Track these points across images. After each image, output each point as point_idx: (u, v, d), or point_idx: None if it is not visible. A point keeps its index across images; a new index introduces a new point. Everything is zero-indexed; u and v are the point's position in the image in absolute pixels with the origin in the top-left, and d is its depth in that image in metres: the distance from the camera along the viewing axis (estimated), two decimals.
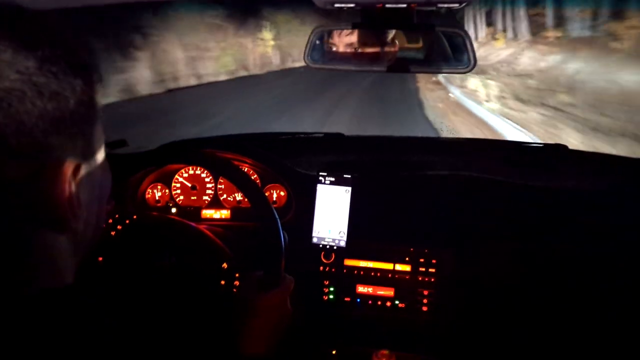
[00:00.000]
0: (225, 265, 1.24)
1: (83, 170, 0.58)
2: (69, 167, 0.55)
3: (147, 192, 1.67)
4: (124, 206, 1.58)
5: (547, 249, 1.47)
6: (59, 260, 0.59)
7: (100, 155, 0.64)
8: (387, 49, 1.26)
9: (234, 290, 1.22)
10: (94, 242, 0.66)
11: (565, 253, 1.46)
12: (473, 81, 13.20)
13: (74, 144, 0.55)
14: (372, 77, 14.35)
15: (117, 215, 1.28)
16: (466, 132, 9.05)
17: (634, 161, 1.59)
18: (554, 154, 1.64)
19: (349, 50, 1.29)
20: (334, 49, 1.28)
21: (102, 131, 0.62)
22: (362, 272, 1.55)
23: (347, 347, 1.53)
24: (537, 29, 15.23)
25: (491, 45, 17.97)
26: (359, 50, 1.28)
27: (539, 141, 1.72)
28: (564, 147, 1.63)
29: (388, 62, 1.27)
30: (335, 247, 1.57)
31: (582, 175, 1.53)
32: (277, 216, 1.27)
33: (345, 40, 1.29)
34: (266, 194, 1.54)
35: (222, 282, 1.22)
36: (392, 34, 1.25)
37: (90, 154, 0.60)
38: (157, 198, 1.68)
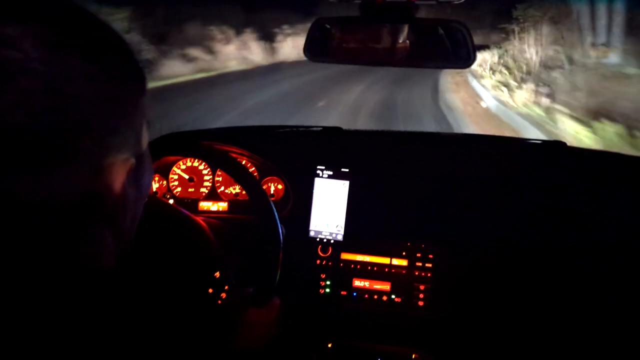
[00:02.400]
0: (217, 274, 1.19)
1: (134, 167, 0.60)
2: (123, 165, 0.57)
3: None
4: None
5: (544, 245, 1.47)
6: (102, 256, 0.59)
7: (147, 151, 0.66)
8: (387, 43, 1.26)
9: (219, 302, 1.18)
10: (132, 237, 0.67)
11: (562, 249, 1.46)
12: None
13: (128, 142, 0.57)
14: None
15: None
16: None
17: (632, 158, 1.59)
18: (552, 151, 1.64)
19: (348, 43, 1.28)
20: (334, 42, 1.28)
21: (147, 127, 0.64)
22: (358, 266, 1.55)
23: (343, 340, 1.53)
24: None
25: None
26: (358, 44, 1.28)
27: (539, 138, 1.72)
28: (563, 143, 1.63)
29: (387, 56, 1.27)
30: (332, 241, 1.57)
31: (580, 172, 1.53)
32: (274, 209, 1.27)
33: (345, 33, 1.29)
34: (264, 187, 1.54)
35: (210, 291, 1.17)
36: (391, 28, 1.25)
37: (139, 150, 0.61)
38: (154, 189, 1.68)
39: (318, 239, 1.58)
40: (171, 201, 1.67)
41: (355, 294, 1.55)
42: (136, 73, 0.58)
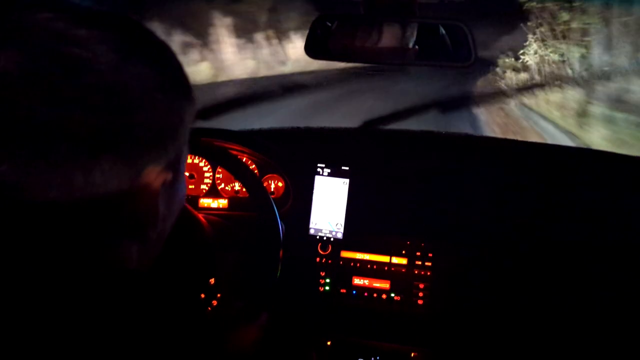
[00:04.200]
0: (212, 281, 1.19)
1: (169, 180, 0.61)
2: (160, 175, 0.58)
3: None
4: None
5: (543, 244, 1.47)
6: (125, 264, 0.60)
7: (183, 166, 0.66)
8: (388, 41, 1.26)
9: (208, 308, 1.18)
10: (157, 253, 0.67)
11: (562, 249, 1.46)
12: None
13: (168, 154, 0.58)
14: None
15: None
16: None
17: (632, 159, 1.60)
18: (552, 152, 1.64)
19: (349, 41, 1.28)
20: (335, 39, 1.28)
21: (188, 146, 0.65)
22: (358, 264, 1.55)
23: (342, 338, 1.53)
24: None
25: None
26: (360, 42, 1.28)
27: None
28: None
29: (388, 54, 1.27)
30: (332, 239, 1.57)
31: (580, 172, 1.53)
32: (275, 207, 1.27)
33: (346, 31, 1.29)
34: (264, 184, 1.54)
35: (202, 296, 1.17)
36: (392, 25, 1.25)
37: (177, 166, 0.62)
38: None
39: (318, 237, 1.58)
40: None
41: (354, 292, 1.55)
42: (187, 89, 0.60)
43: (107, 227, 0.55)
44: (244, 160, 1.63)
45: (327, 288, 1.56)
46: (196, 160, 1.69)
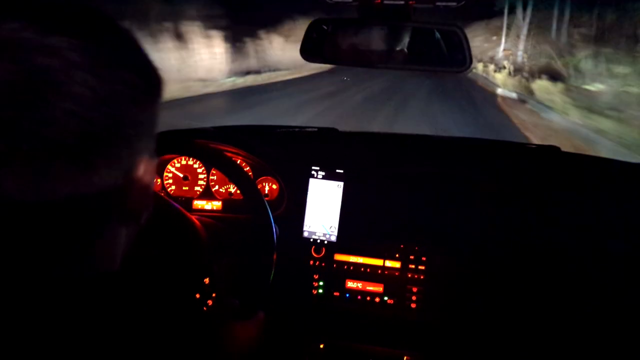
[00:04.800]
0: (207, 280, 1.18)
1: (152, 167, 0.63)
2: (149, 163, 0.61)
3: None
4: None
5: (537, 248, 1.48)
6: (116, 250, 0.63)
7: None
8: (384, 45, 1.26)
9: (204, 308, 1.17)
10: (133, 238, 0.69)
11: (555, 253, 1.47)
12: None
13: (149, 143, 0.60)
14: None
15: None
16: None
17: (624, 164, 1.61)
18: (546, 155, 1.65)
19: (345, 45, 1.29)
20: (330, 43, 1.28)
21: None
22: (352, 267, 1.55)
23: (335, 341, 1.53)
24: None
25: None
26: (355, 46, 1.28)
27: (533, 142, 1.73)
28: (557, 148, 1.64)
29: (383, 58, 1.27)
30: (325, 242, 1.57)
31: (573, 176, 1.54)
32: (269, 209, 1.27)
33: (342, 35, 1.29)
34: (258, 187, 1.54)
35: (197, 296, 1.16)
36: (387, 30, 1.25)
37: (154, 151, 0.64)
38: None
39: (312, 240, 1.58)
40: None
41: (348, 295, 1.55)
42: (158, 80, 0.61)
43: (102, 220, 0.57)
44: (238, 162, 1.63)
45: (320, 291, 1.56)
46: (190, 162, 1.68)
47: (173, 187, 1.69)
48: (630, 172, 1.60)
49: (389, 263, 1.53)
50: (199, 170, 1.69)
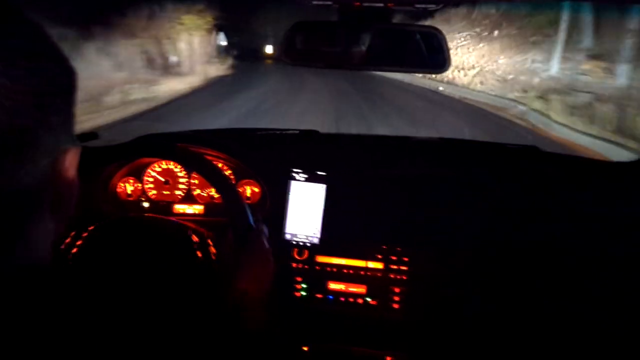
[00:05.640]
0: (195, 237, 1.21)
1: (75, 158, 0.62)
2: (74, 151, 0.61)
3: (118, 186, 1.65)
4: (94, 202, 1.55)
5: (518, 247, 1.50)
6: (43, 241, 0.61)
7: None
8: (364, 47, 1.27)
9: (213, 257, 1.20)
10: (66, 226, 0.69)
11: (537, 252, 1.49)
12: None
13: (72, 130, 0.61)
14: None
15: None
16: None
17: (600, 162, 1.64)
18: (525, 155, 1.67)
19: (325, 47, 1.29)
20: (311, 45, 1.28)
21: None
22: (334, 269, 1.55)
23: (319, 343, 1.53)
24: None
25: None
26: (336, 48, 1.28)
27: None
28: (536, 148, 1.66)
29: (362, 59, 1.28)
30: (308, 244, 1.57)
31: (552, 175, 1.56)
32: (249, 212, 1.26)
33: (322, 37, 1.29)
34: (240, 190, 1.54)
35: (199, 254, 1.18)
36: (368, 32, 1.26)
37: (77, 142, 0.64)
38: (128, 192, 1.65)
39: (294, 242, 1.58)
40: (146, 204, 1.66)
41: (331, 297, 1.55)
42: (71, 71, 0.61)
43: (27, 211, 0.57)
44: (219, 166, 1.62)
45: (303, 293, 1.56)
46: (171, 166, 1.67)
47: (154, 192, 1.67)
48: (608, 171, 1.63)
49: (371, 264, 1.54)
50: (180, 175, 1.68)
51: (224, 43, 27.51)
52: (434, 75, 16.32)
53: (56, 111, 0.55)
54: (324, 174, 1.58)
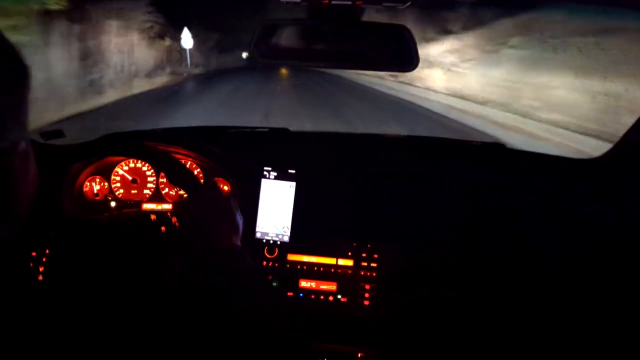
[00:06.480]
0: (153, 217, 1.24)
1: (25, 151, 0.63)
2: (22, 152, 0.61)
3: (84, 185, 1.61)
4: (60, 202, 1.52)
5: (486, 244, 1.52)
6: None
7: (29, 141, 0.67)
8: (332, 45, 1.27)
9: (177, 225, 1.22)
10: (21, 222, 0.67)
11: (503, 249, 1.51)
12: None
13: (17, 129, 0.60)
14: None
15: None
16: None
17: (566, 160, 1.67)
18: (491, 152, 1.70)
19: (294, 44, 1.29)
20: (280, 42, 1.28)
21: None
22: (305, 267, 1.56)
23: (289, 341, 1.53)
24: None
25: None
26: (304, 45, 1.28)
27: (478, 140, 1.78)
28: (502, 145, 1.69)
29: (332, 57, 1.28)
30: (278, 242, 1.57)
31: (517, 172, 1.59)
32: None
33: (291, 34, 1.29)
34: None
35: (163, 229, 1.21)
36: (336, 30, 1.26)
37: (26, 138, 0.63)
38: (95, 191, 1.62)
39: (264, 240, 1.58)
40: (113, 203, 1.63)
41: (301, 294, 1.55)
42: (24, 67, 0.62)
43: None
44: (188, 164, 1.61)
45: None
46: (139, 165, 1.65)
47: (121, 191, 1.65)
48: (572, 168, 1.67)
49: (341, 261, 1.55)
50: (148, 173, 1.66)
51: (188, 46, 21.60)
52: None
53: (6, 106, 0.56)
54: (293, 171, 1.58)
